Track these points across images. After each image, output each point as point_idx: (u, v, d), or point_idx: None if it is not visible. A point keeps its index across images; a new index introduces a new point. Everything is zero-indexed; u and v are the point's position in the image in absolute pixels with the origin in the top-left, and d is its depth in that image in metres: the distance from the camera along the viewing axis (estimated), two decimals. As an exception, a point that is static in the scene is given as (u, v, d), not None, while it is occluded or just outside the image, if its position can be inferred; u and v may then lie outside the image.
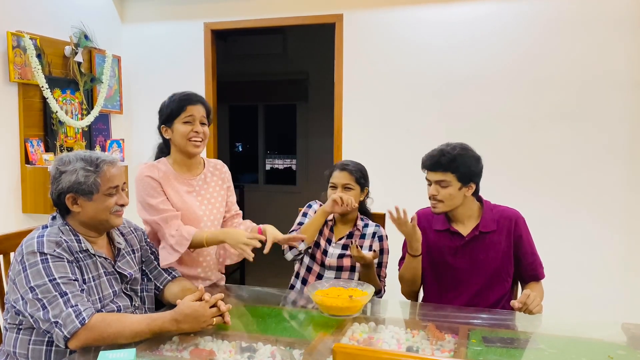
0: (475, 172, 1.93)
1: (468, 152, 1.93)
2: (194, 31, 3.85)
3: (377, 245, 2.25)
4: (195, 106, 1.98)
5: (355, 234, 2.27)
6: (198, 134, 1.98)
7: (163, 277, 1.87)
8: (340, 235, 2.29)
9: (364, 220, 2.32)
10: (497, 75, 3.26)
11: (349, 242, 2.24)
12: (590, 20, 3.09)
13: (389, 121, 3.47)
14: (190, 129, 1.97)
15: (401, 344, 1.55)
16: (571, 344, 1.60)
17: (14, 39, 2.96)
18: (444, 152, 1.91)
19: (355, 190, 2.22)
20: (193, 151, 2.00)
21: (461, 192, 1.92)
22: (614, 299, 3.09)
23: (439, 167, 1.90)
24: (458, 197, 1.92)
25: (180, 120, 1.97)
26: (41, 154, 3.11)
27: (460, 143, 1.96)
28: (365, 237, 2.27)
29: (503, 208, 2.02)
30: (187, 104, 1.97)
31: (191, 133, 1.97)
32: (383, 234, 2.29)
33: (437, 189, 1.93)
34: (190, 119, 1.97)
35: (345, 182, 2.21)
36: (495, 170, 3.28)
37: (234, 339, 1.57)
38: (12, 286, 1.52)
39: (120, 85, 3.87)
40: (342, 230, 2.30)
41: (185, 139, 1.97)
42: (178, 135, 1.98)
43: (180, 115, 1.97)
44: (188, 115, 1.97)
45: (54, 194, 1.61)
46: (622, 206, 3.10)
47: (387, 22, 3.43)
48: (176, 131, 1.98)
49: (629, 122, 3.06)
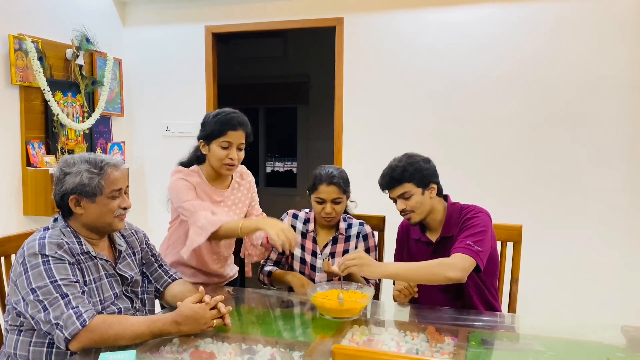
0: (429, 173, 1.96)
1: (415, 158, 1.98)
2: (195, 34, 3.86)
3: (362, 245, 2.20)
4: (236, 132, 2.01)
5: (339, 238, 2.21)
6: (232, 160, 2.03)
7: (164, 279, 1.88)
8: (324, 242, 2.22)
9: (347, 221, 2.25)
10: (496, 79, 3.27)
11: (334, 249, 2.19)
12: (591, 24, 3.10)
13: (389, 124, 3.48)
14: (225, 154, 2.01)
15: (401, 346, 1.55)
16: (570, 347, 1.60)
17: (16, 41, 2.97)
18: (393, 168, 1.96)
19: (343, 202, 2.16)
20: (225, 174, 2.10)
21: (425, 196, 1.95)
22: (613, 301, 3.09)
23: (394, 182, 1.95)
24: (425, 202, 1.95)
25: (217, 143, 2.01)
26: (42, 157, 3.12)
27: (405, 153, 2.01)
28: (350, 239, 2.21)
29: (467, 207, 2.00)
30: (228, 129, 2.00)
31: (226, 159, 2.02)
32: (368, 232, 2.23)
33: (403, 202, 1.96)
34: (227, 144, 2.01)
35: (335, 197, 2.12)
36: (496, 172, 3.30)
37: (234, 341, 1.58)
38: (13, 287, 1.53)
39: (121, 88, 3.88)
40: (326, 237, 2.23)
41: (220, 162, 2.03)
42: (214, 157, 2.03)
43: (219, 138, 2.01)
44: (226, 141, 2.00)
45: (57, 195, 1.62)
46: (621, 209, 3.10)
47: (388, 26, 3.44)
48: (212, 152, 2.03)
49: (629, 125, 3.06)
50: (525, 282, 2.28)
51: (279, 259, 2.27)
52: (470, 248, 1.80)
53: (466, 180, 3.22)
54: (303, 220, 2.26)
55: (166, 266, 1.92)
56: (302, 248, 2.22)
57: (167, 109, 3.96)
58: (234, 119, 2.03)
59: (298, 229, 2.23)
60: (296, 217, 2.28)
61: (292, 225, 2.24)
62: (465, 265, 1.76)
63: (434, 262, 1.80)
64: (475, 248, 1.80)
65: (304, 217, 2.27)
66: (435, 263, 1.79)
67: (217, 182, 2.15)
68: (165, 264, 1.92)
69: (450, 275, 1.74)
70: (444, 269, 1.75)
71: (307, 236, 2.23)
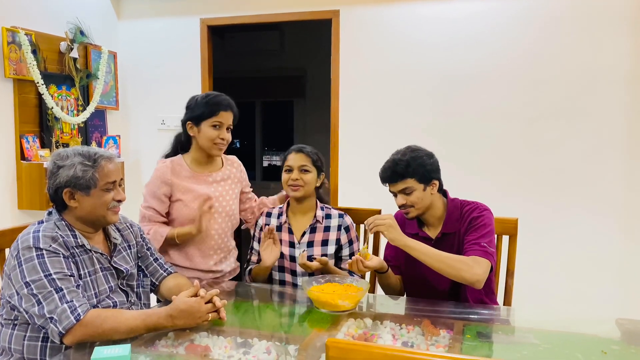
0: (432, 169, 1.93)
1: (419, 153, 1.94)
2: (190, 27, 3.83)
3: (345, 237, 2.15)
4: (227, 112, 2.10)
5: (317, 227, 2.15)
6: (223, 140, 2.10)
7: (159, 272, 1.87)
8: (301, 231, 2.15)
9: (324, 210, 2.19)
10: (494, 73, 3.26)
11: (313, 238, 2.13)
12: (589, 18, 3.09)
13: (385, 118, 3.47)
14: (217, 134, 2.08)
15: (396, 339, 1.55)
16: (565, 340, 1.61)
17: (9, 34, 2.94)
18: (396, 162, 1.92)
19: (313, 173, 2.12)
20: (216, 154, 2.16)
21: (427, 192, 1.93)
22: (608, 294, 3.10)
23: (397, 177, 1.91)
24: (426, 198, 1.93)
25: (209, 123, 2.08)
26: (37, 150, 3.10)
27: (408, 146, 1.98)
28: (330, 229, 2.15)
29: (468, 203, 1.99)
30: (220, 109, 2.08)
31: (217, 139, 2.09)
32: (349, 224, 2.18)
33: (403, 197, 1.93)
34: (219, 124, 2.08)
35: (301, 164, 2.10)
36: (493, 167, 3.30)
37: (229, 335, 1.57)
38: (7, 281, 1.52)
39: (116, 82, 3.85)
40: (301, 224, 2.17)
41: (211, 142, 2.09)
42: (204, 137, 2.09)
43: (210, 118, 2.07)
44: (218, 121, 2.08)
45: (51, 188, 1.61)
46: (618, 203, 3.11)
47: (384, 19, 3.43)
48: (203, 133, 2.09)
49: (626, 118, 3.06)
50: (521, 275, 2.29)
51: (259, 261, 2.17)
52: (486, 250, 1.80)
53: (462, 174, 3.22)
54: (277, 215, 2.21)
55: (161, 260, 1.91)
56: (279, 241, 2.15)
57: (162, 102, 3.93)
58: (225, 100, 2.11)
59: (273, 224, 2.18)
60: (269, 215, 2.23)
61: (266, 224, 2.19)
62: (485, 271, 1.78)
63: (455, 257, 1.79)
64: (490, 250, 1.82)
65: (277, 212, 2.23)
66: (456, 258, 1.78)
67: (204, 167, 2.18)
68: (161, 258, 1.92)
69: (467, 277, 1.75)
70: (464, 268, 1.75)
71: (282, 228, 2.18)
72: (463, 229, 1.92)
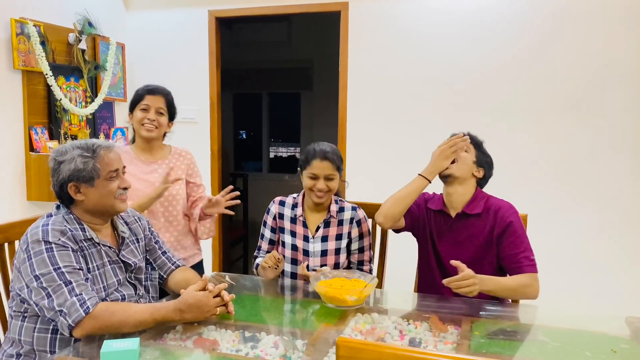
0: (486, 162, 2.06)
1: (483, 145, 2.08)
2: (198, 19, 3.82)
3: (356, 230, 2.14)
4: (154, 97, 2.25)
5: (331, 221, 2.14)
6: (151, 120, 2.23)
7: (167, 266, 1.88)
8: (315, 225, 2.14)
9: (338, 204, 2.17)
10: (503, 66, 3.23)
11: (327, 233, 2.13)
12: (596, 12, 3.04)
13: (394, 111, 3.45)
14: (144, 115, 2.23)
15: (404, 335, 1.55)
16: (574, 337, 1.60)
17: (18, 25, 2.94)
18: (471, 135, 2.05)
19: (337, 178, 2.08)
20: (145, 135, 2.25)
21: (473, 167, 2.01)
22: (617, 292, 3.08)
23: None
24: (468, 170, 2.00)
25: (138, 108, 2.24)
26: (45, 142, 3.11)
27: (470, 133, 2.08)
28: (343, 223, 2.14)
29: (497, 199, 2.02)
30: (146, 93, 2.25)
31: (144, 120, 2.23)
32: (361, 217, 2.16)
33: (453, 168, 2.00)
34: (146, 107, 2.23)
35: (328, 174, 2.05)
36: (500, 161, 3.26)
37: (237, 329, 1.58)
38: (17, 274, 1.53)
39: (124, 73, 3.85)
40: (316, 218, 2.15)
41: (139, 124, 2.24)
42: (135, 120, 2.27)
43: (139, 103, 2.24)
44: (145, 104, 2.23)
45: (55, 185, 1.62)
46: (626, 198, 3.08)
47: (393, 11, 3.40)
48: (134, 117, 2.27)
49: (634, 113, 3.03)
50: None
51: (269, 249, 2.19)
52: (534, 263, 1.92)
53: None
54: (291, 205, 2.18)
55: (170, 253, 1.92)
56: (293, 234, 2.14)
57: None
58: (151, 85, 2.28)
59: (286, 215, 2.16)
60: (283, 204, 2.20)
61: (280, 213, 2.18)
62: (539, 286, 1.90)
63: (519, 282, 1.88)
64: (535, 261, 1.93)
65: (292, 203, 2.19)
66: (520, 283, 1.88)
67: (147, 154, 2.30)
68: (169, 251, 1.92)
69: (533, 296, 1.90)
70: (528, 290, 1.88)
71: (297, 221, 2.15)
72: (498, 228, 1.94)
